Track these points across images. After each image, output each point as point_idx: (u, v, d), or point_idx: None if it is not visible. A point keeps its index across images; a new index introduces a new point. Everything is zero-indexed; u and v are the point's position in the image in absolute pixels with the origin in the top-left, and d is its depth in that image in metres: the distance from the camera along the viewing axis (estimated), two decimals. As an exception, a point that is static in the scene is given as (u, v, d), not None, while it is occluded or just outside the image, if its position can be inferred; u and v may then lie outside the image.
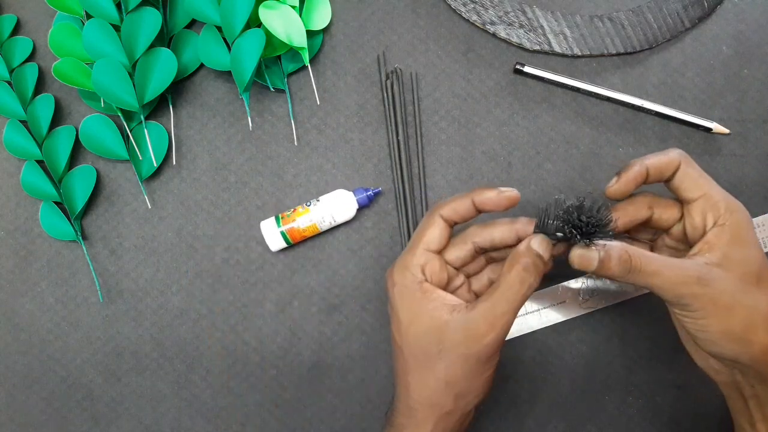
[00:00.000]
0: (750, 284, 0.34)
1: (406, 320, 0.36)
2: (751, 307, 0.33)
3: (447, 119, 0.51)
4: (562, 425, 0.49)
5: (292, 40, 0.48)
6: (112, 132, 0.50)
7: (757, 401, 0.36)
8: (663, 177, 0.37)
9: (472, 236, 0.38)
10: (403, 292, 0.36)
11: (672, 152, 0.36)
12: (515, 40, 0.50)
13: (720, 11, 0.51)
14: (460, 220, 0.37)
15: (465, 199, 0.37)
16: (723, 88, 0.50)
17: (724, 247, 0.34)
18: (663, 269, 0.33)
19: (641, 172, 0.36)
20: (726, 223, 0.34)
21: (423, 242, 0.37)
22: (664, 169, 0.36)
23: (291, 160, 0.51)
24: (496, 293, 0.34)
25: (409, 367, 0.36)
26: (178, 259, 0.51)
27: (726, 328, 0.33)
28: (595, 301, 0.49)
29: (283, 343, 0.50)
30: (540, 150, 0.50)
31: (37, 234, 0.51)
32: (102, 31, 0.48)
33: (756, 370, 0.35)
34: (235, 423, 0.50)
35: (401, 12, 0.52)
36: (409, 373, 0.36)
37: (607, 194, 0.37)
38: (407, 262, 0.37)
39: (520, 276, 0.34)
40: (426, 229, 0.37)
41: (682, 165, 0.36)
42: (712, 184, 0.36)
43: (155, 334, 0.50)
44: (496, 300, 0.34)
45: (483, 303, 0.34)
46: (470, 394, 0.36)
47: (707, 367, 0.38)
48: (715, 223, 0.35)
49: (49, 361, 0.51)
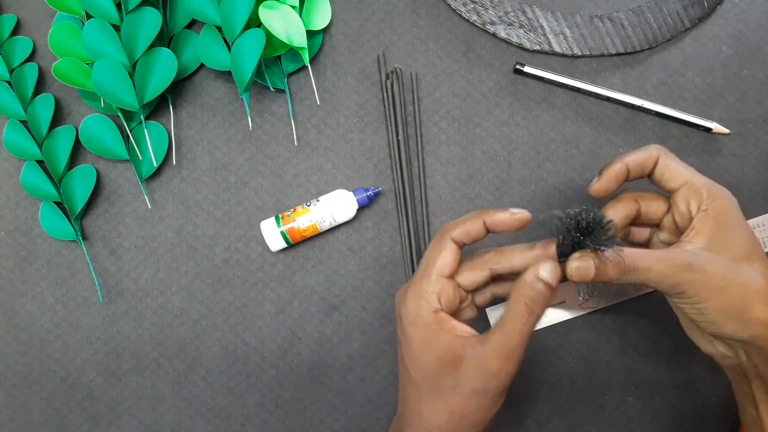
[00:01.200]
0: (740, 263, 0.35)
1: (419, 350, 0.35)
2: (744, 285, 0.34)
3: (447, 119, 0.51)
4: (562, 425, 0.49)
5: (292, 40, 0.48)
6: (112, 132, 0.50)
7: (760, 382, 0.37)
8: (644, 172, 0.38)
9: (491, 263, 0.37)
10: (417, 321, 0.35)
11: (650, 147, 0.37)
12: (515, 40, 0.50)
13: (720, 11, 0.51)
14: (470, 242, 0.37)
15: (476, 221, 0.36)
16: (723, 88, 0.50)
17: (710, 231, 0.35)
18: (654, 263, 0.34)
19: (622, 169, 0.37)
20: (708, 208, 0.35)
21: (437, 268, 0.36)
22: (643, 163, 0.37)
23: (291, 160, 0.51)
24: (507, 326, 0.34)
25: (423, 397, 0.36)
26: (178, 259, 0.51)
27: (722, 306, 0.34)
28: (595, 301, 0.49)
29: (283, 343, 0.50)
30: (540, 150, 0.50)
31: (37, 234, 0.51)
32: (102, 31, 0.48)
33: (757, 346, 0.35)
34: (235, 423, 0.50)
35: (401, 12, 0.52)
36: (423, 402, 0.36)
37: (589, 193, 0.38)
38: (421, 290, 0.36)
39: (528, 308, 0.33)
40: (438, 254, 0.36)
41: (660, 157, 0.37)
42: (693, 172, 0.37)
43: (155, 334, 0.50)
44: (507, 333, 0.34)
45: (495, 337, 0.34)
46: (482, 423, 0.36)
47: (713, 352, 0.39)
48: (699, 209, 0.36)
49: (49, 361, 0.51)
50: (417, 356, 0.35)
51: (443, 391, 0.35)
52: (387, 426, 0.49)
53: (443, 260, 0.36)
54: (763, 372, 0.36)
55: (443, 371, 0.34)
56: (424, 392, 0.36)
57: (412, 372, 0.36)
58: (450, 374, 0.34)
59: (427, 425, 0.36)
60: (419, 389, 0.36)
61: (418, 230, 0.50)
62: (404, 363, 0.37)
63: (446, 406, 0.35)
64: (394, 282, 0.50)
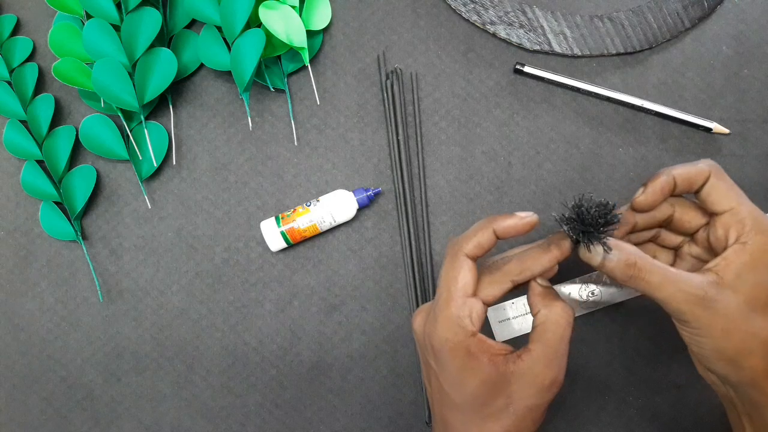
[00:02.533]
0: (755, 310, 0.33)
1: (461, 377, 0.34)
2: (749, 333, 0.33)
3: (447, 119, 0.51)
4: (562, 425, 0.49)
5: (292, 40, 0.48)
6: (112, 132, 0.50)
7: (749, 419, 0.36)
8: (692, 188, 0.35)
9: (512, 275, 0.36)
10: (457, 348, 0.34)
11: (702, 163, 0.35)
12: (515, 40, 0.50)
13: (720, 11, 0.51)
14: (483, 255, 0.36)
15: (486, 231, 0.35)
16: (723, 88, 0.50)
17: (740, 267, 0.33)
18: (667, 284, 0.32)
19: (668, 182, 0.35)
20: (748, 242, 0.33)
21: (461, 289, 0.34)
22: (693, 179, 0.35)
23: (291, 160, 0.51)
24: (548, 335, 0.34)
25: (471, 421, 0.35)
26: (178, 259, 0.51)
27: (719, 348, 0.33)
28: (595, 301, 0.49)
29: (283, 343, 0.50)
30: (540, 150, 0.50)
31: (37, 234, 0.51)
32: (102, 31, 0.48)
33: (744, 392, 0.34)
34: (235, 423, 0.50)
35: (401, 12, 0.52)
36: (472, 425, 0.35)
37: (633, 205, 0.36)
38: (452, 315, 0.34)
39: (566, 310, 0.34)
40: (458, 274, 0.35)
41: (711, 176, 0.35)
42: (743, 198, 0.34)
43: (155, 334, 0.50)
44: (551, 342, 0.34)
45: (539, 349, 0.34)
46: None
47: (706, 377, 0.38)
48: (737, 240, 0.33)
49: (49, 361, 0.51)
50: (460, 383, 0.34)
51: (495, 413, 0.34)
52: (387, 426, 0.49)
53: (465, 280, 0.34)
54: (750, 411, 0.35)
55: (490, 394, 0.34)
56: (471, 416, 0.35)
57: (456, 398, 0.35)
58: (498, 396, 0.34)
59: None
60: (465, 414, 0.35)
61: (418, 230, 0.50)
62: (442, 388, 0.35)
63: (500, 426, 0.34)
64: (394, 282, 0.50)
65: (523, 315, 0.49)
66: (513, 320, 0.49)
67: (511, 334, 0.49)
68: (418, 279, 0.49)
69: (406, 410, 0.49)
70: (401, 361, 0.49)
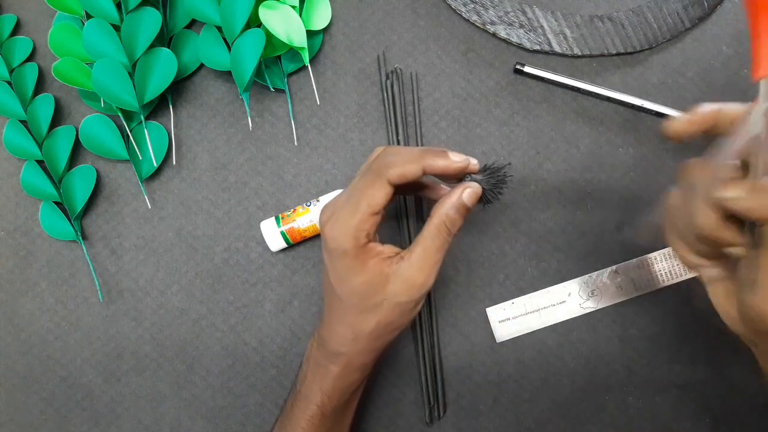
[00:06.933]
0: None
1: (346, 277, 0.37)
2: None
3: (447, 119, 0.51)
4: (562, 425, 0.49)
5: (292, 40, 0.48)
6: (112, 132, 0.50)
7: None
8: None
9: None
10: (347, 253, 0.37)
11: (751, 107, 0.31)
12: (515, 40, 0.50)
13: (720, 11, 0.51)
14: (404, 184, 0.37)
15: (416, 166, 0.36)
16: (723, 88, 0.50)
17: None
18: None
19: (710, 114, 0.34)
20: None
21: (369, 206, 0.36)
22: (735, 120, 0.32)
23: (291, 160, 0.51)
24: (428, 243, 0.37)
25: (350, 311, 0.38)
26: (178, 259, 0.51)
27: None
28: (595, 301, 0.49)
29: (283, 343, 0.50)
30: (540, 150, 0.50)
31: (37, 234, 0.51)
32: (102, 31, 0.48)
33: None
34: (235, 423, 0.50)
35: (401, 12, 0.52)
36: (351, 315, 0.39)
37: (663, 130, 0.35)
38: (352, 227, 0.36)
39: (447, 228, 0.37)
40: (373, 192, 0.36)
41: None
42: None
43: (155, 334, 0.50)
44: (428, 251, 0.37)
45: (417, 254, 0.37)
46: (403, 326, 0.40)
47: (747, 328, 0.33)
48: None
49: (49, 361, 0.51)
50: (345, 280, 0.38)
51: (371, 307, 0.38)
52: (387, 426, 0.49)
53: (377, 200, 0.36)
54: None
55: (369, 292, 0.37)
56: (351, 308, 0.38)
57: (340, 293, 0.38)
58: (377, 293, 0.37)
59: (356, 332, 0.39)
60: (345, 306, 0.38)
61: (418, 230, 0.50)
62: (330, 282, 0.38)
63: (375, 317, 0.38)
64: (394, 282, 0.50)
65: (523, 315, 0.49)
66: (513, 320, 0.49)
67: (511, 334, 0.49)
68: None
69: (406, 410, 0.49)
70: (401, 361, 0.49)
